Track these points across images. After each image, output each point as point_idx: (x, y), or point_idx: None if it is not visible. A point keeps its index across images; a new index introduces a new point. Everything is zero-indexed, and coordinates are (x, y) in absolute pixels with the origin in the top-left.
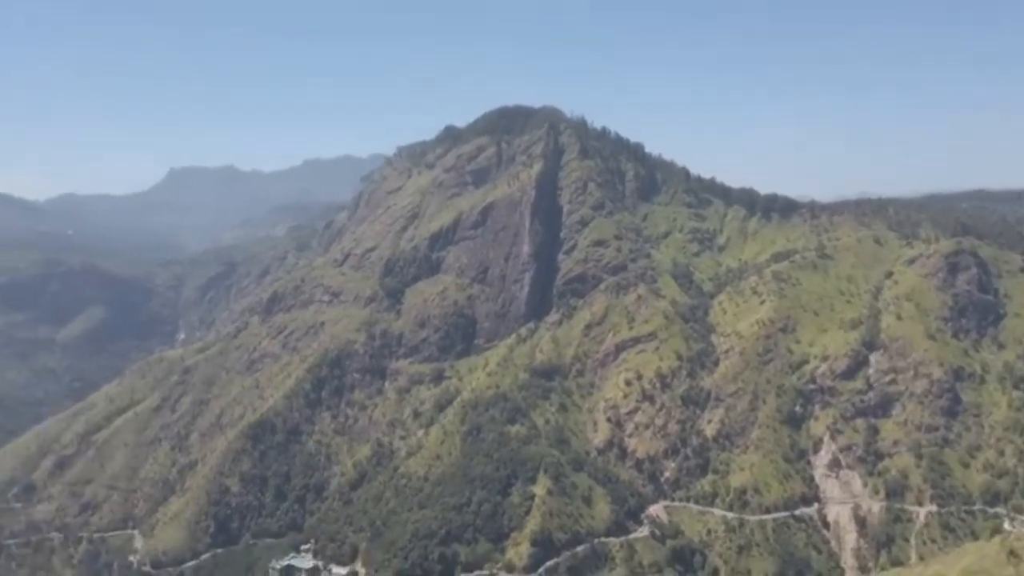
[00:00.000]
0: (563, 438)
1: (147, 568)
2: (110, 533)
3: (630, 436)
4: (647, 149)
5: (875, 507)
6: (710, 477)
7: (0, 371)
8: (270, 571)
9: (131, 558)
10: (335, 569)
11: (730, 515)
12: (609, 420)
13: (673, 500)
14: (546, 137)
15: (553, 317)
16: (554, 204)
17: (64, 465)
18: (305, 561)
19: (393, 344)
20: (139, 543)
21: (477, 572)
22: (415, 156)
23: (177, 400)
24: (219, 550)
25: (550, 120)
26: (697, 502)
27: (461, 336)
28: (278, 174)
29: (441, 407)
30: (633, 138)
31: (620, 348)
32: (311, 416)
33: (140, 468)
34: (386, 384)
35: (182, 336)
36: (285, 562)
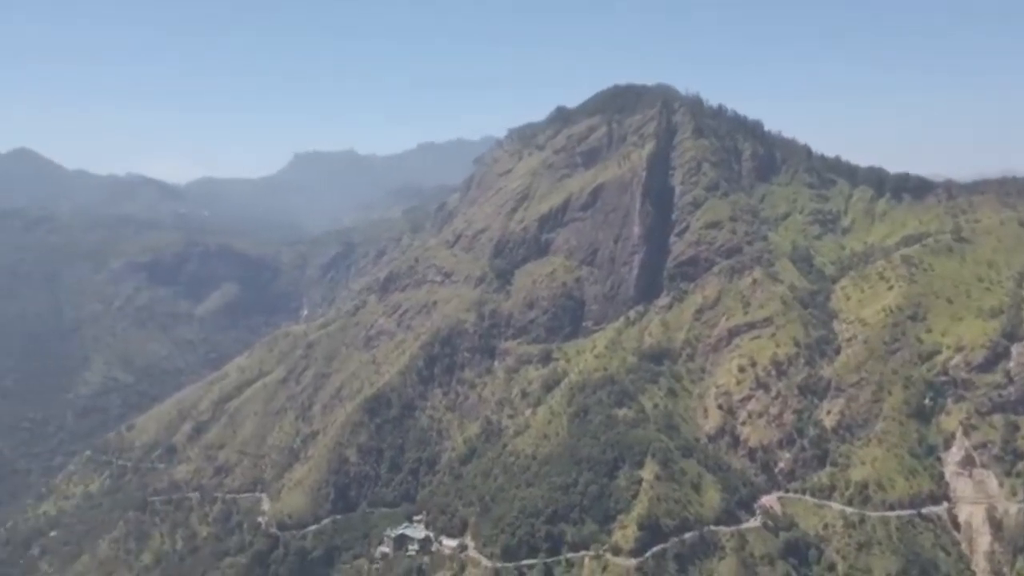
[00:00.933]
0: (672, 423)
1: (273, 530)
2: (241, 495)
3: (743, 424)
4: (767, 127)
5: (1012, 509)
6: (828, 470)
7: (145, 342)
8: (385, 539)
9: (259, 519)
10: (445, 540)
11: (849, 510)
12: (721, 407)
13: (787, 491)
14: (659, 116)
15: (663, 300)
16: (666, 185)
17: (201, 430)
18: (417, 531)
19: (502, 324)
20: (266, 505)
21: (583, 552)
22: (525, 138)
23: (301, 373)
24: (338, 516)
25: (663, 98)
26: (813, 495)
27: (569, 318)
28: (394, 158)
29: (549, 388)
30: (752, 116)
31: (733, 333)
32: (424, 392)
33: (268, 435)
34: (495, 363)
35: (305, 312)
36: (399, 531)
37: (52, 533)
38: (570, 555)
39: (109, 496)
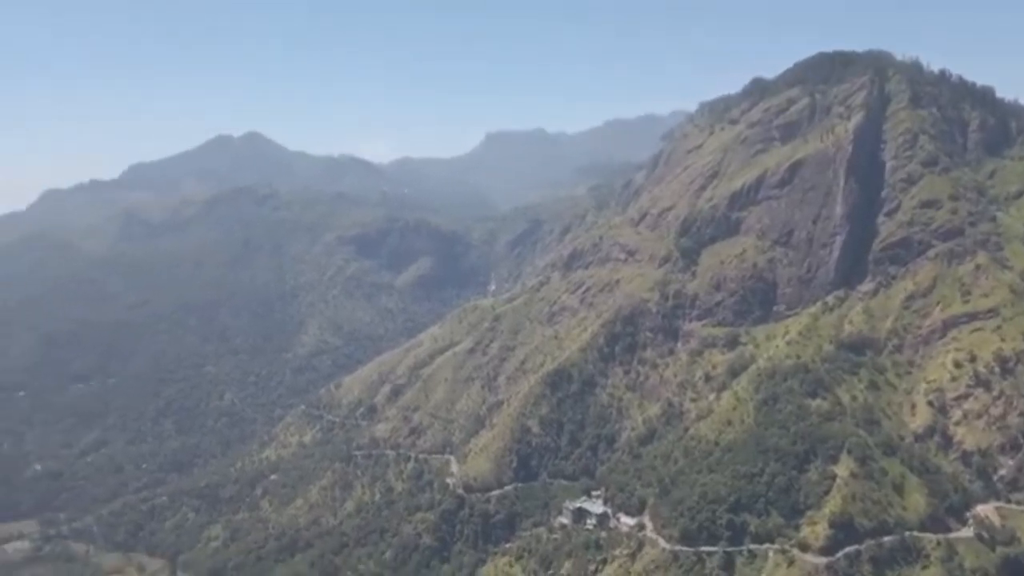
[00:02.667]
0: (872, 418)
1: (460, 491)
2: (432, 455)
3: (957, 424)
4: (999, 94)
5: None
6: None
7: (352, 310)
8: (564, 510)
9: (448, 480)
10: (623, 518)
11: None
12: (931, 404)
13: (1009, 502)
14: (869, 85)
15: (867, 286)
16: (875, 160)
17: (398, 393)
18: (596, 506)
19: (686, 305)
20: (455, 468)
21: (767, 545)
22: (718, 112)
23: (488, 344)
24: (520, 484)
25: (875, 65)
26: None
27: (759, 301)
28: (582, 135)
29: (735, 373)
30: (981, 81)
31: (949, 324)
32: (604, 370)
33: (457, 402)
34: (678, 345)
35: (493, 287)
36: (577, 504)
37: (272, 476)
38: (753, 546)
39: (319, 447)
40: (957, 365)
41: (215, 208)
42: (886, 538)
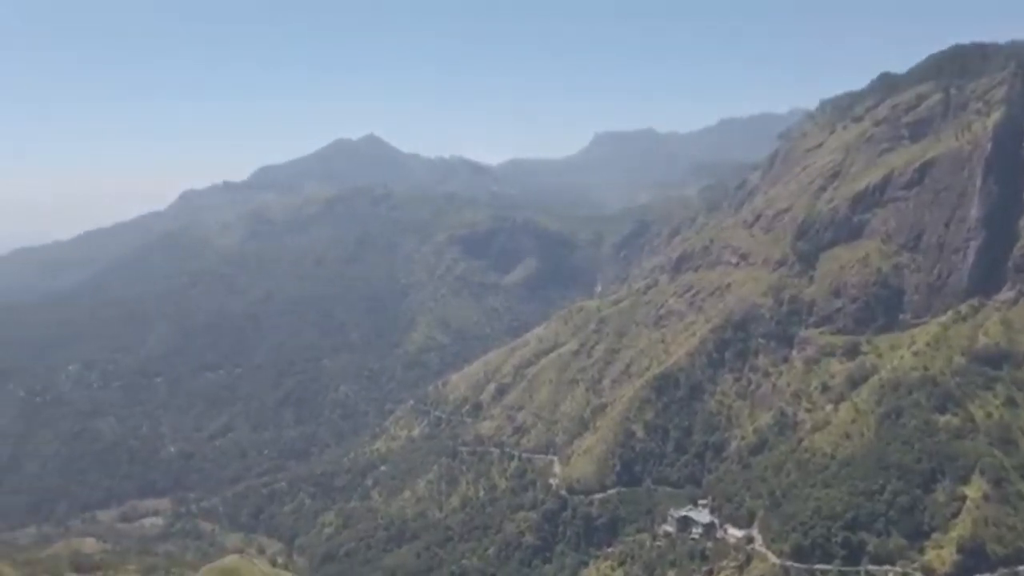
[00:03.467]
0: (1009, 438)
1: (563, 492)
2: (535, 455)
3: None
4: None
5: None
6: None
7: (460, 308)
8: (668, 518)
9: (550, 481)
10: (731, 529)
11: None
12: None
13: None
14: (1010, 79)
15: (1006, 294)
16: (1016, 159)
17: (503, 391)
18: (702, 515)
19: (802, 312)
20: (557, 468)
21: (887, 567)
22: (840, 109)
23: (593, 347)
24: (623, 488)
25: (1017, 58)
26: None
27: (883, 309)
28: (694, 135)
29: (854, 384)
30: None
31: None
32: (713, 376)
33: (560, 403)
34: (792, 352)
35: (599, 288)
36: (683, 512)
37: (382, 467)
38: (871, 567)
39: (427, 441)
40: None
41: (334, 208)
42: (1021, 567)
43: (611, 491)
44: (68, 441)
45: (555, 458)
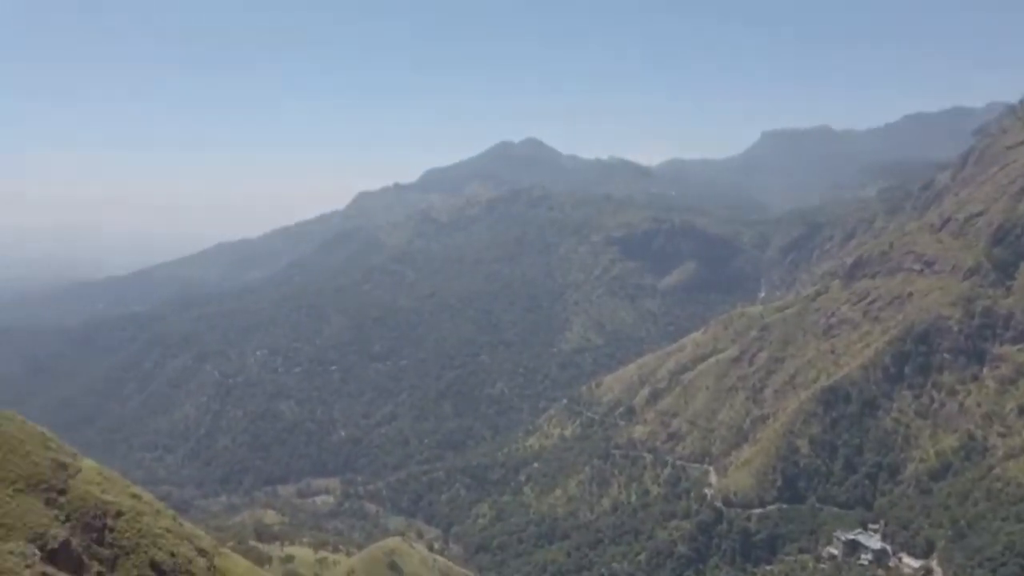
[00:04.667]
0: None
1: (718, 504)
2: (689, 463)
3: None
4: None
5: None
6: None
7: (615, 310)
8: (835, 540)
9: (705, 491)
10: (905, 558)
11: None
12: None
13: None
14: None
15: None
16: None
17: (657, 396)
18: (873, 541)
19: (997, 325)
20: (713, 479)
21: None
22: None
23: (754, 355)
24: (784, 505)
25: None
26: None
27: None
28: (873, 132)
29: None
30: None
31: None
32: (889, 392)
33: (718, 411)
34: (984, 370)
35: (762, 294)
36: (851, 536)
37: (535, 464)
38: None
39: (579, 442)
40: None
41: (495, 209)
42: None
43: (771, 507)
44: (254, 420)
45: (711, 468)
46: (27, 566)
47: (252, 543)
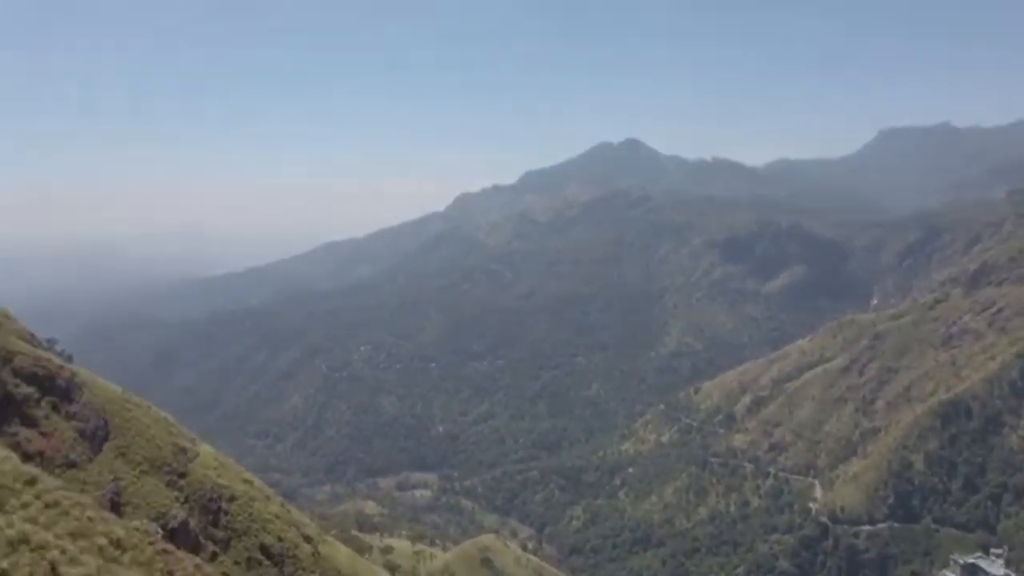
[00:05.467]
0: None
1: (823, 519)
2: (793, 475)
3: None
4: None
5: None
6: None
7: (715, 315)
8: (951, 563)
9: (810, 504)
10: None
11: None
12: None
13: None
14: None
15: None
16: None
17: (759, 405)
18: (995, 566)
19: None
20: (818, 493)
21: None
22: None
23: (865, 364)
24: (896, 524)
25: None
26: None
27: None
28: (1001, 130)
29: None
30: None
31: None
32: (1017, 407)
33: (824, 423)
34: None
35: (875, 301)
36: (971, 559)
37: (630, 469)
38: None
39: (675, 448)
40: None
41: (593, 210)
42: None
43: (881, 525)
44: (358, 413)
45: (815, 481)
46: (150, 543)
47: (353, 532)
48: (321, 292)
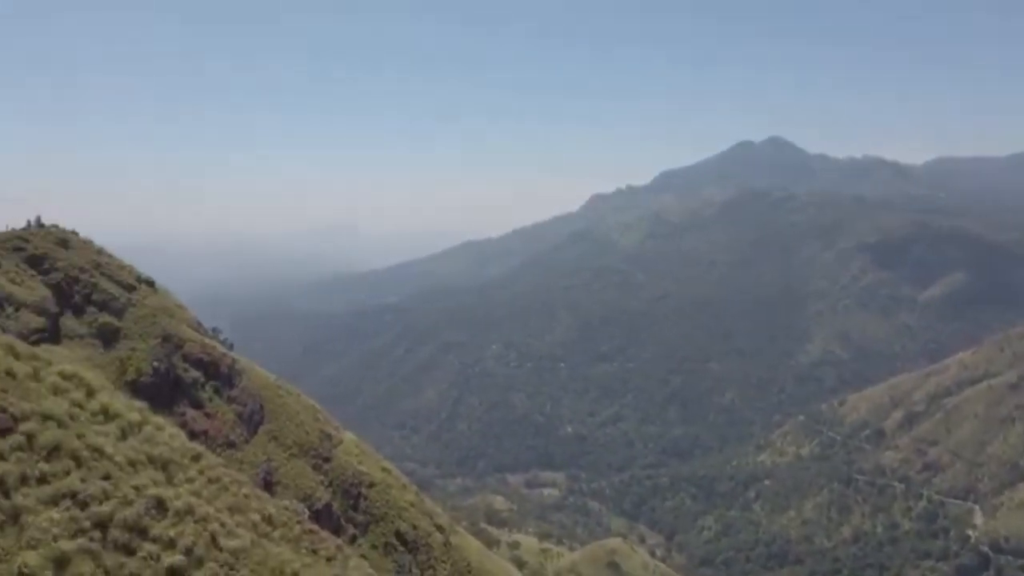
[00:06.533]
0: None
1: (984, 548)
2: (949, 499)
3: None
4: None
5: None
6: None
7: (864, 323)
8: None
9: (968, 531)
10: None
11: None
12: None
13: None
14: None
15: None
16: None
17: (912, 421)
18: None
19: None
20: (978, 519)
21: None
22: None
23: None
24: None
25: None
26: None
27: None
28: None
29: None
30: None
31: None
32: None
33: (988, 443)
34: None
35: None
36: None
37: (766, 481)
38: None
39: (816, 462)
40: None
41: (731, 210)
42: None
43: None
44: (488, 409)
45: (976, 506)
46: (298, 522)
47: (482, 525)
48: (456, 289)
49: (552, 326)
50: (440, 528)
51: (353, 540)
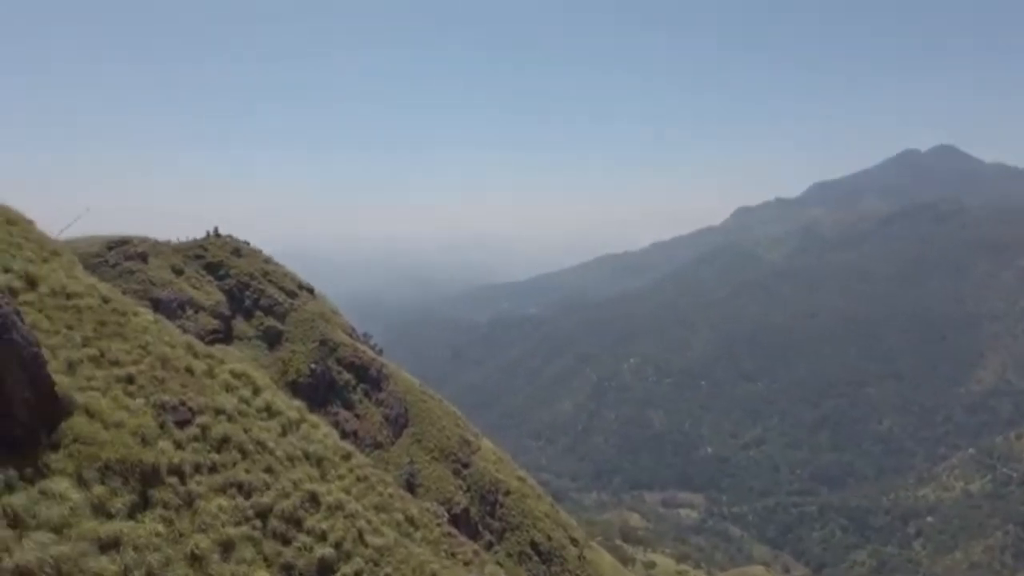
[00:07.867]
0: None
1: None
2: None
3: None
4: None
5: None
6: None
7: None
8: None
9: None
10: None
11: None
12: None
13: None
14: None
15: None
16: None
17: None
18: None
19: None
20: None
21: None
22: None
23: None
24: None
25: None
26: None
27: None
28: None
29: None
30: None
31: None
32: None
33: None
34: None
35: None
36: None
37: (928, 518)
38: None
39: (989, 500)
40: None
41: (891, 224)
42: None
43: None
44: (625, 424)
45: None
46: (438, 524)
47: (617, 542)
48: (594, 302)
49: (692, 341)
50: (574, 541)
51: (489, 547)
